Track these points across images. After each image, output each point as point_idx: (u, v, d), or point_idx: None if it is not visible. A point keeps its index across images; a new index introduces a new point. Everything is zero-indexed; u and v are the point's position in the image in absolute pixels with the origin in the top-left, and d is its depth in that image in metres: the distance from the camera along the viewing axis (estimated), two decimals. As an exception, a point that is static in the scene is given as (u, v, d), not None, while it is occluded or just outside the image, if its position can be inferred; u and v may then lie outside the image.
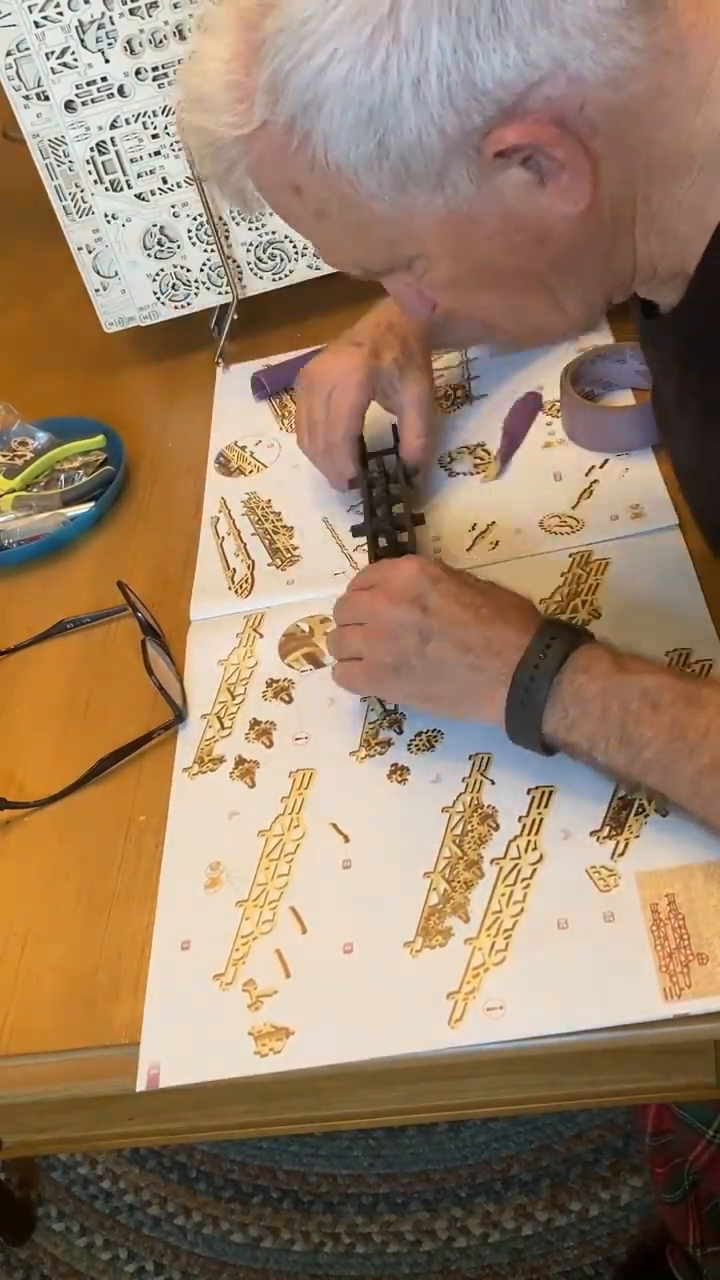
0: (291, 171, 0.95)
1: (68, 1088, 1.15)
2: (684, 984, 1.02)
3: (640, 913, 1.08)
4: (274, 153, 0.95)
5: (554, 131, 0.89)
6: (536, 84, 0.87)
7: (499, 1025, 1.05)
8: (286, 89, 0.89)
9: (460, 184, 0.92)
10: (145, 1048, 1.11)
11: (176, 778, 1.33)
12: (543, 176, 0.92)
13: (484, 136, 0.89)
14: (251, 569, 1.55)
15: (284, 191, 0.99)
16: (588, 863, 1.13)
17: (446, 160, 0.90)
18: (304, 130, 0.91)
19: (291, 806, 1.26)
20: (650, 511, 1.43)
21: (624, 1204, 2.19)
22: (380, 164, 0.91)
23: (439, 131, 0.88)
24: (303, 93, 0.89)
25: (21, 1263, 2.33)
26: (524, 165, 0.91)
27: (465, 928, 1.12)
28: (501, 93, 0.87)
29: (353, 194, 0.94)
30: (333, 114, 0.89)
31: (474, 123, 0.88)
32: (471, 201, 0.93)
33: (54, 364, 2.08)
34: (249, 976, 1.13)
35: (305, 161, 0.93)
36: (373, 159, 0.91)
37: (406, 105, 0.87)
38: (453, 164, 0.91)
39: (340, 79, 0.87)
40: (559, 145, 0.89)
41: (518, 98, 0.87)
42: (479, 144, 0.89)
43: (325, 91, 0.88)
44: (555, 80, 0.87)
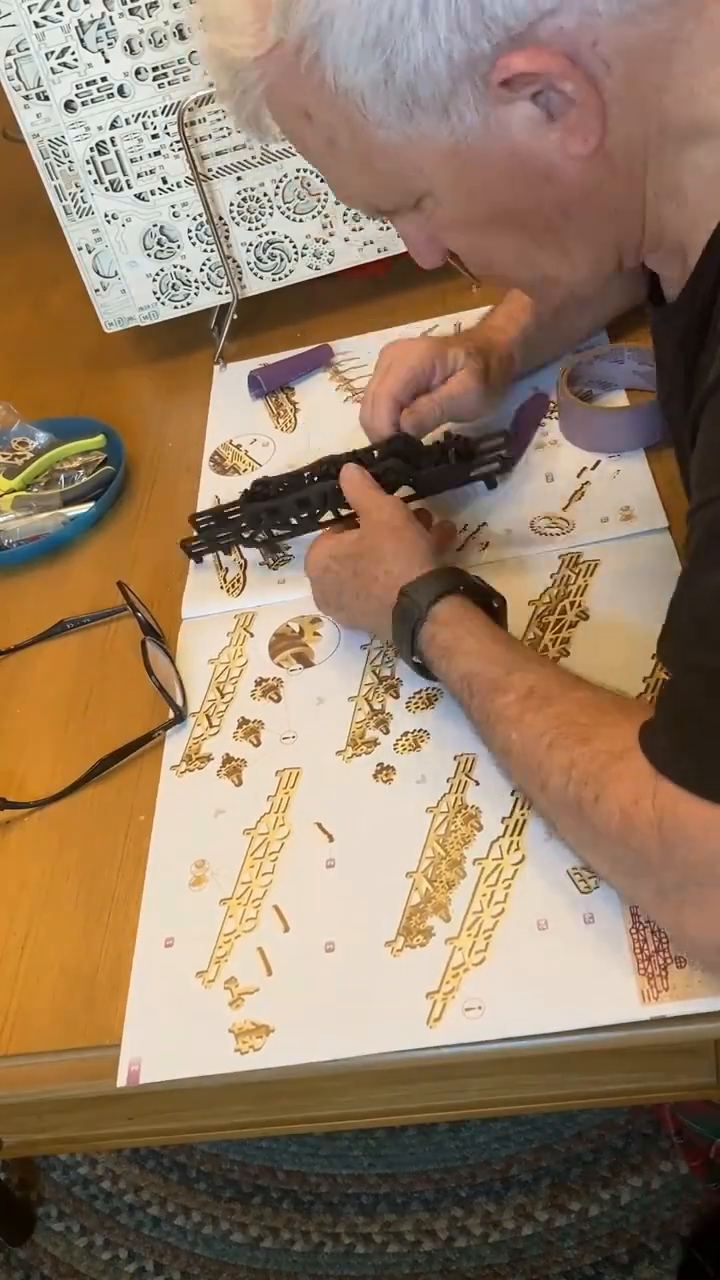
0: (303, 95, 0.95)
1: (68, 1088, 1.15)
2: (662, 986, 1.02)
3: (620, 914, 1.08)
4: (286, 75, 0.94)
5: (564, 63, 0.87)
6: (549, 13, 0.85)
7: (477, 1026, 1.05)
8: (298, 6, 0.89)
9: (467, 114, 0.91)
10: (126, 1044, 1.11)
11: (164, 775, 1.33)
12: (551, 113, 0.90)
13: (492, 64, 0.87)
14: (243, 568, 1.55)
15: (296, 118, 0.98)
16: (569, 864, 1.13)
17: (453, 87, 0.89)
18: (314, 50, 0.90)
19: (277, 805, 1.26)
20: (641, 514, 1.43)
21: (624, 1204, 2.19)
22: (387, 88, 0.90)
23: (446, 56, 0.87)
24: (313, 11, 0.88)
25: (21, 1263, 2.33)
26: (533, 100, 0.90)
27: (446, 927, 1.12)
28: (511, 19, 0.85)
29: (360, 120, 0.94)
30: (340, 33, 0.88)
31: (482, 49, 0.87)
32: (478, 134, 0.92)
33: (54, 364, 2.08)
34: (231, 974, 1.14)
35: (315, 84, 0.92)
36: (379, 82, 0.90)
37: (414, 27, 0.86)
38: (459, 92, 0.90)
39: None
40: (569, 78, 0.87)
41: (528, 26, 0.86)
42: (486, 72, 0.88)
43: (334, 10, 0.87)
44: (568, 10, 0.85)
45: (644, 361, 1.55)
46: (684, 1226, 2.13)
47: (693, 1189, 2.17)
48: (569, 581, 1.38)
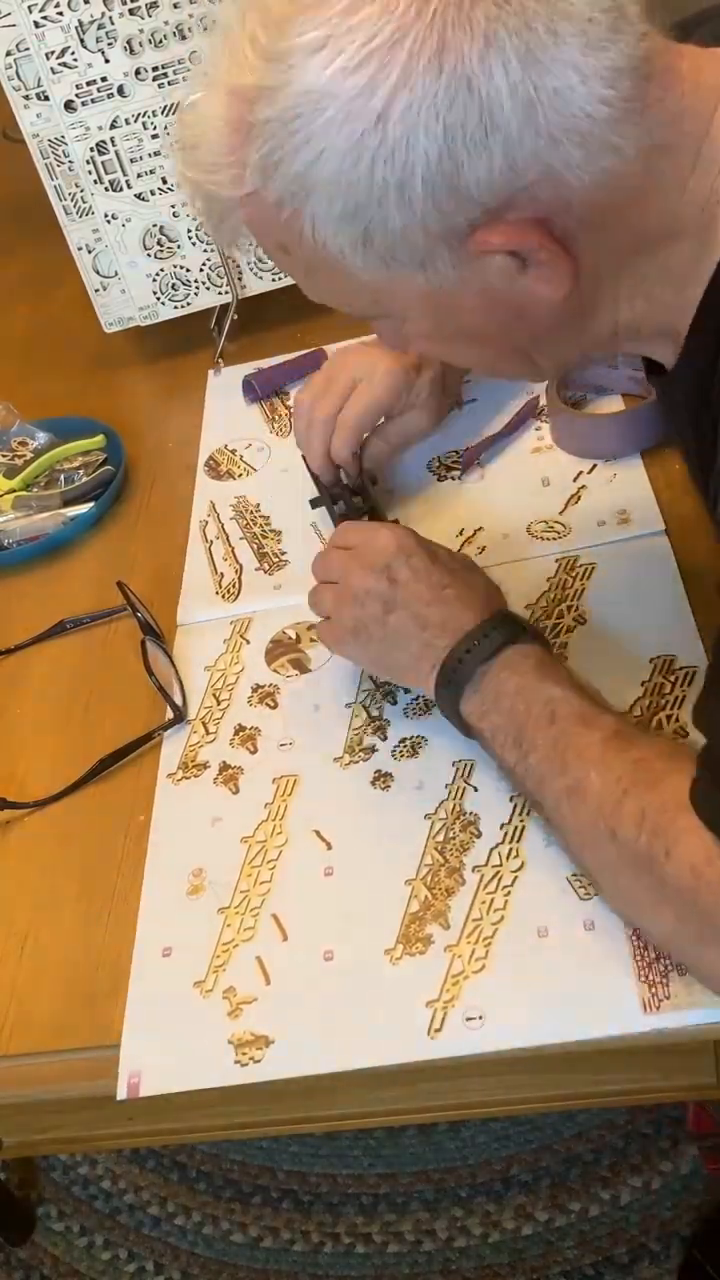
0: (280, 235, 0.96)
1: (68, 1088, 1.15)
2: (663, 995, 1.02)
3: (621, 922, 1.08)
4: (263, 218, 0.96)
5: (538, 235, 0.90)
6: (522, 189, 0.87)
7: (478, 1036, 1.05)
8: (276, 174, 0.90)
9: (443, 269, 0.93)
10: (125, 1055, 1.11)
11: (160, 783, 1.33)
12: (525, 261, 0.92)
13: (467, 235, 0.90)
14: (239, 573, 1.54)
15: (273, 248, 1.00)
16: (569, 871, 1.12)
17: (430, 250, 0.91)
18: (293, 208, 0.92)
19: (275, 813, 1.26)
20: (637, 518, 1.43)
21: (624, 1204, 2.19)
22: (365, 248, 0.92)
23: (423, 229, 0.89)
24: (291, 181, 0.90)
25: (21, 1263, 2.33)
26: (508, 254, 0.92)
27: (445, 935, 1.12)
28: (486, 197, 0.87)
29: (339, 265, 0.95)
30: (320, 203, 0.90)
31: (458, 223, 0.89)
32: (453, 283, 0.94)
33: (54, 364, 2.08)
34: (229, 984, 1.13)
35: (295, 232, 0.94)
36: (358, 244, 0.92)
37: (391, 205, 0.88)
38: (437, 253, 0.92)
39: (328, 175, 0.88)
40: (542, 247, 0.90)
41: (503, 201, 0.88)
42: (462, 239, 0.90)
43: (314, 183, 0.89)
44: (542, 184, 0.87)
45: (638, 367, 1.54)
46: (684, 1226, 2.13)
47: (693, 1189, 2.17)
48: (566, 585, 1.38)
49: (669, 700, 1.23)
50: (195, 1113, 1.26)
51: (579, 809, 1.06)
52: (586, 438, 1.54)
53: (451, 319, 1.00)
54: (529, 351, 1.05)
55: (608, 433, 1.52)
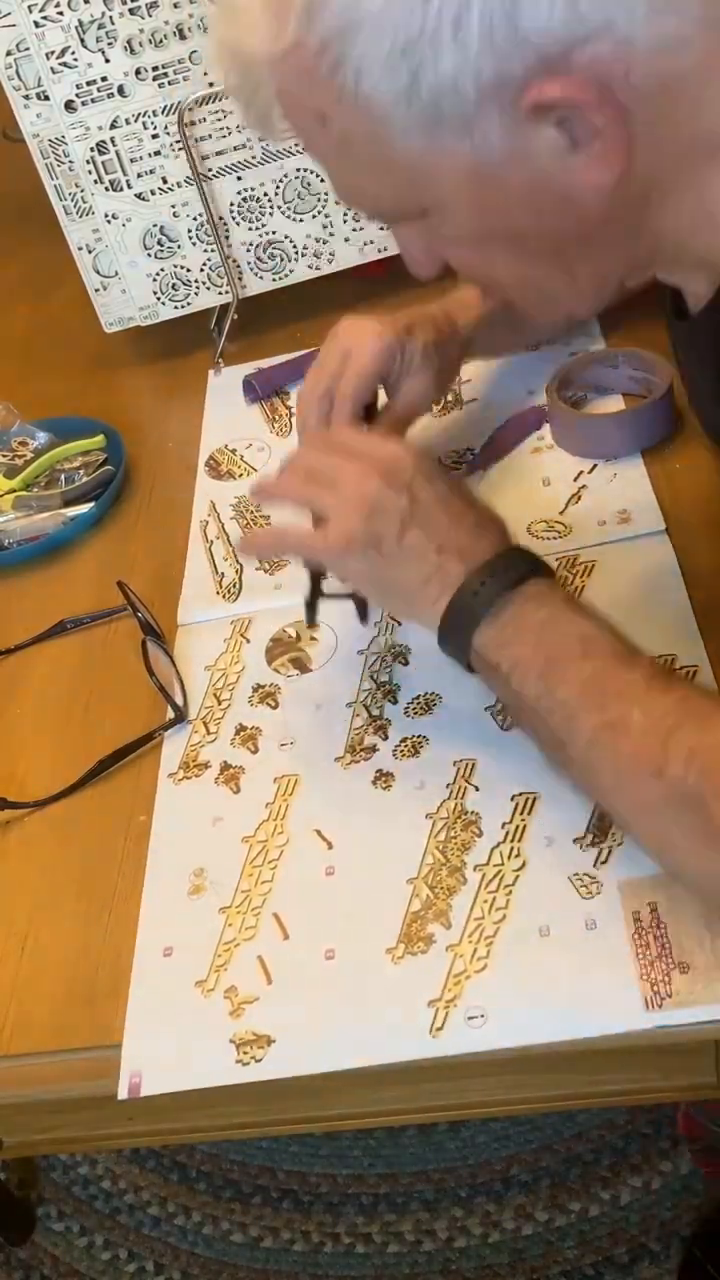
0: (319, 98, 0.92)
1: (68, 1088, 1.15)
2: (665, 993, 1.02)
3: (622, 921, 1.08)
4: (303, 76, 0.91)
5: (595, 93, 0.84)
6: (583, 40, 0.83)
7: (479, 1035, 1.04)
8: (324, 9, 0.86)
9: (490, 134, 0.88)
10: (127, 1055, 1.10)
11: (161, 783, 1.33)
12: (576, 141, 0.87)
13: (521, 87, 0.85)
14: (239, 573, 1.54)
15: (310, 118, 0.95)
16: (570, 870, 1.12)
17: (480, 107, 0.86)
18: (337, 55, 0.87)
19: (276, 813, 1.26)
20: (638, 517, 1.43)
21: (624, 1204, 2.19)
22: (411, 101, 0.87)
23: (475, 75, 0.84)
24: (340, 15, 0.85)
25: (21, 1263, 2.33)
26: (558, 126, 0.87)
27: (447, 934, 1.11)
28: (545, 44, 0.83)
29: (379, 129, 0.90)
30: (368, 42, 0.85)
31: (512, 71, 0.84)
32: (499, 154, 0.89)
33: (54, 364, 2.08)
34: (230, 983, 1.13)
35: (334, 89, 0.89)
36: (403, 95, 0.87)
37: (445, 42, 0.83)
38: (485, 112, 0.87)
39: (380, 5, 0.83)
40: (599, 110, 0.85)
41: (561, 52, 0.83)
42: (514, 95, 0.85)
43: (363, 17, 0.84)
44: (602, 39, 0.83)
45: (638, 366, 1.54)
46: (684, 1226, 2.13)
47: (693, 1189, 2.17)
48: (566, 584, 1.37)
49: (670, 700, 1.22)
50: (195, 1113, 1.26)
51: (619, 745, 1.01)
52: (588, 437, 1.53)
53: (492, 208, 0.95)
54: (570, 259, 0.99)
55: (609, 432, 1.52)
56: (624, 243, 0.98)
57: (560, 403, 1.55)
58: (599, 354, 1.57)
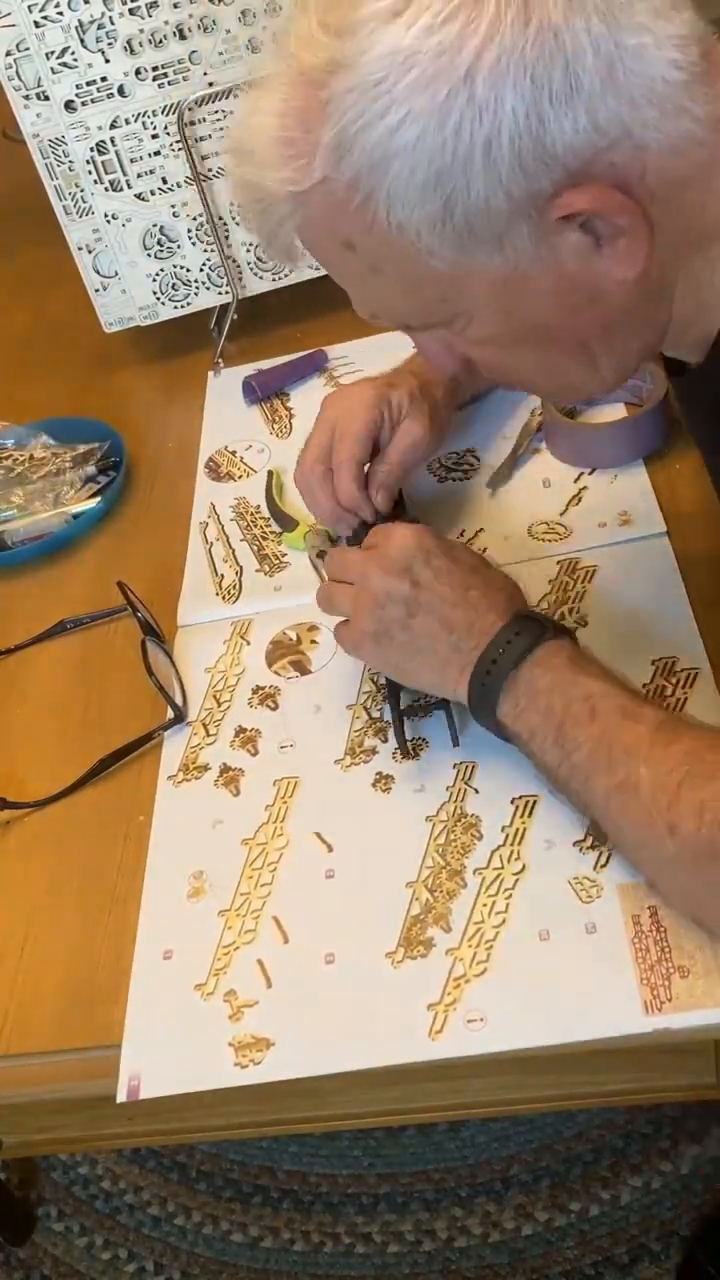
0: (347, 229, 0.95)
1: (68, 1088, 1.16)
2: (665, 997, 1.02)
3: (622, 925, 1.08)
4: (330, 209, 0.94)
5: (620, 198, 0.89)
6: (604, 150, 0.87)
7: (479, 1037, 1.05)
8: (354, 148, 0.88)
9: (521, 245, 0.92)
10: (126, 1058, 1.11)
11: (161, 785, 1.33)
12: (600, 240, 0.92)
13: (550, 200, 0.89)
14: (239, 575, 1.54)
15: (337, 247, 0.98)
16: (570, 873, 1.13)
17: (510, 222, 0.90)
18: (368, 189, 0.90)
19: (275, 815, 1.26)
20: (638, 519, 1.43)
21: (624, 1204, 2.19)
22: (444, 224, 0.90)
23: (506, 194, 0.88)
24: (371, 152, 0.88)
25: (21, 1263, 2.33)
26: (582, 229, 0.91)
27: (447, 938, 1.12)
28: (570, 158, 0.87)
29: (412, 252, 0.93)
30: (400, 174, 0.88)
31: (541, 186, 0.88)
32: (529, 262, 0.93)
33: (54, 364, 2.08)
34: (230, 987, 1.13)
35: (365, 219, 0.92)
36: (437, 219, 0.90)
37: (477, 168, 0.86)
38: (516, 226, 0.91)
39: (412, 140, 0.86)
40: (623, 212, 0.89)
41: (585, 163, 0.87)
42: (544, 207, 0.89)
43: (395, 152, 0.87)
44: (621, 147, 0.88)
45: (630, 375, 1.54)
46: (684, 1226, 2.13)
47: (693, 1189, 2.17)
48: (567, 587, 1.38)
49: (671, 703, 1.23)
50: (195, 1113, 1.27)
51: (631, 805, 1.04)
52: (585, 449, 1.53)
53: (522, 311, 0.98)
54: (594, 349, 1.03)
55: (606, 442, 1.52)
56: (644, 330, 1.03)
57: (556, 412, 1.54)
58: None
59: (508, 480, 1.56)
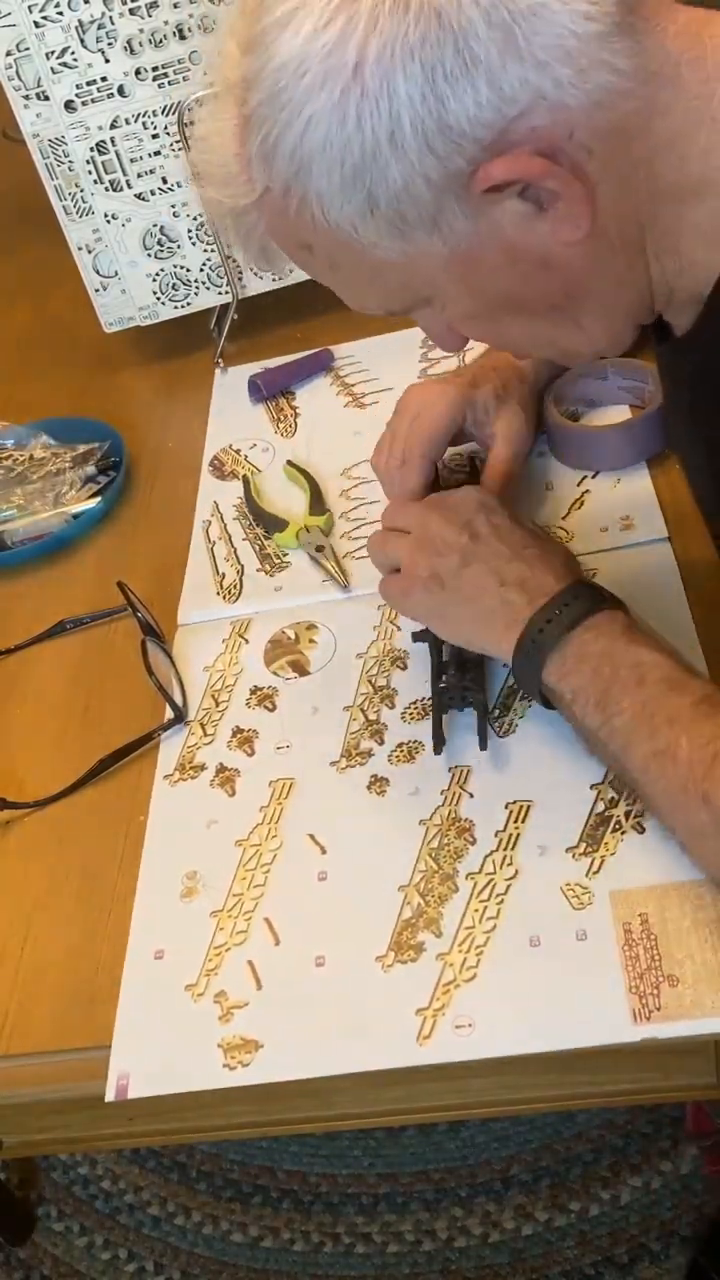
0: (298, 231, 0.97)
1: (68, 1088, 1.16)
2: (653, 1006, 1.02)
3: (613, 932, 1.08)
4: (278, 216, 0.97)
5: (541, 163, 0.88)
6: (517, 117, 0.86)
7: (467, 1043, 1.04)
8: (275, 157, 0.91)
9: (456, 224, 0.92)
10: (115, 1057, 1.11)
11: (157, 785, 1.33)
12: (540, 203, 0.91)
13: (470, 176, 0.89)
14: (240, 574, 1.54)
15: (297, 249, 1.01)
16: (562, 879, 1.12)
17: (438, 203, 0.91)
18: (300, 192, 0.92)
19: (270, 816, 1.26)
20: (640, 523, 1.42)
21: (624, 1204, 2.19)
22: (373, 215, 0.92)
23: (424, 178, 0.88)
24: (289, 159, 0.90)
25: (21, 1263, 2.34)
26: (520, 196, 0.91)
27: (437, 943, 1.11)
28: (480, 131, 0.86)
29: (357, 245, 0.95)
30: (320, 175, 0.90)
31: (457, 164, 0.88)
32: (470, 238, 0.94)
33: (54, 364, 2.08)
34: (220, 988, 1.13)
35: (307, 221, 0.94)
36: (365, 211, 0.91)
37: (386, 157, 0.87)
38: (445, 206, 0.91)
39: (320, 141, 0.88)
40: (549, 176, 0.89)
41: (499, 133, 0.87)
42: (465, 183, 0.89)
43: (309, 155, 0.89)
44: (536, 111, 0.86)
45: (628, 377, 1.54)
46: (684, 1226, 2.13)
47: (692, 1189, 2.17)
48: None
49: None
50: (195, 1113, 1.26)
51: (668, 773, 1.04)
52: (586, 452, 1.53)
53: (483, 286, 0.99)
54: (572, 313, 1.03)
55: (608, 445, 1.51)
56: (617, 288, 1.02)
57: (559, 416, 1.54)
58: (588, 368, 1.56)
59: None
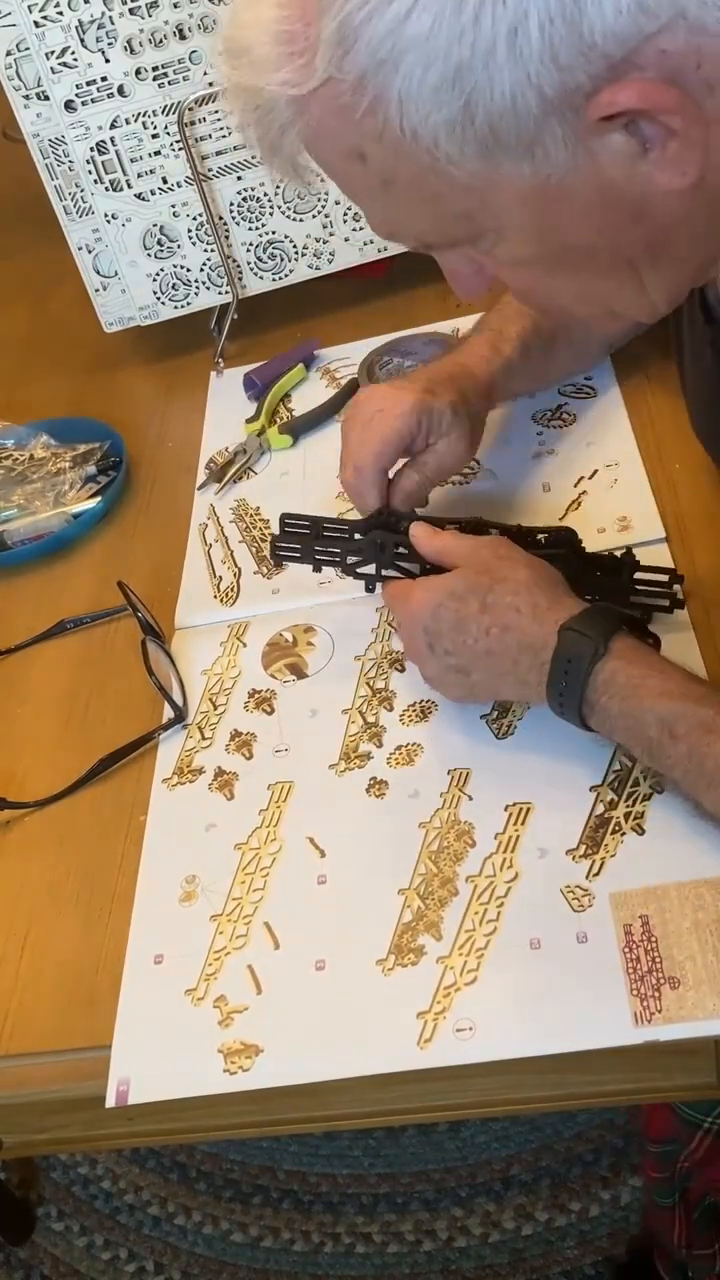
0: (357, 136, 0.84)
1: (68, 1088, 1.16)
2: (655, 1008, 1.01)
3: (613, 934, 1.07)
4: (336, 115, 0.83)
5: (673, 94, 0.76)
6: (653, 36, 0.74)
7: (468, 1047, 1.04)
8: (358, 41, 0.77)
9: (554, 151, 0.80)
10: (115, 1063, 1.11)
11: (155, 788, 1.33)
12: (646, 144, 0.79)
13: (588, 98, 0.77)
14: (237, 577, 1.54)
15: (346, 159, 0.87)
16: (563, 882, 1.12)
17: (541, 124, 0.78)
18: (376, 90, 0.79)
19: (269, 820, 1.26)
20: (638, 524, 1.42)
21: (624, 1204, 2.19)
22: (464, 129, 0.79)
23: (536, 91, 0.76)
24: (378, 46, 0.77)
25: (21, 1263, 2.34)
26: (626, 130, 0.79)
27: (438, 946, 1.11)
28: (612, 46, 0.74)
29: (428, 162, 0.82)
30: (412, 72, 0.77)
31: (578, 81, 0.76)
32: (564, 171, 0.81)
33: (54, 364, 2.07)
34: (220, 992, 1.13)
35: (375, 125, 0.81)
36: (456, 123, 0.79)
37: (501, 61, 0.75)
38: (548, 128, 0.79)
39: (424, 31, 0.75)
40: (676, 110, 0.77)
41: (630, 52, 0.75)
42: (580, 106, 0.77)
43: (405, 45, 0.76)
44: (674, 30, 0.74)
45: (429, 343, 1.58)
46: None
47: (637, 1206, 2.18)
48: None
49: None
50: (195, 1113, 1.26)
51: None
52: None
53: (557, 229, 0.87)
54: (641, 269, 0.91)
55: None
56: (697, 245, 0.91)
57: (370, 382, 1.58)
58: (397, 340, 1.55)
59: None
